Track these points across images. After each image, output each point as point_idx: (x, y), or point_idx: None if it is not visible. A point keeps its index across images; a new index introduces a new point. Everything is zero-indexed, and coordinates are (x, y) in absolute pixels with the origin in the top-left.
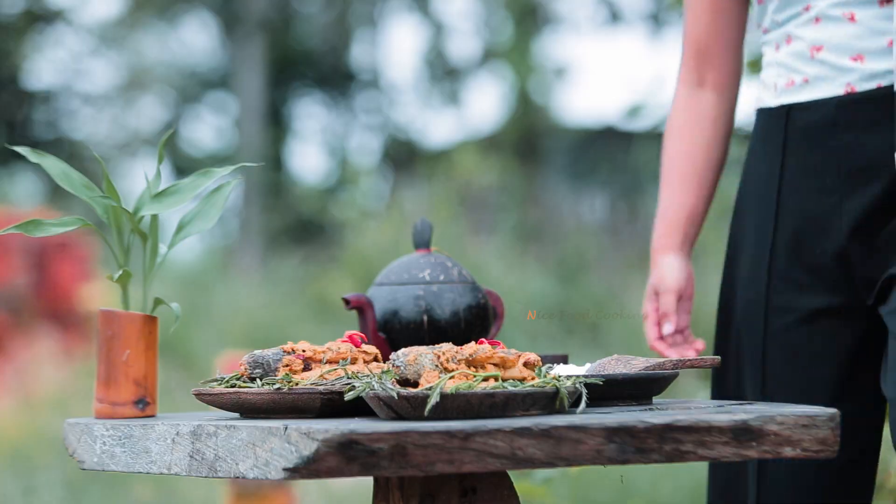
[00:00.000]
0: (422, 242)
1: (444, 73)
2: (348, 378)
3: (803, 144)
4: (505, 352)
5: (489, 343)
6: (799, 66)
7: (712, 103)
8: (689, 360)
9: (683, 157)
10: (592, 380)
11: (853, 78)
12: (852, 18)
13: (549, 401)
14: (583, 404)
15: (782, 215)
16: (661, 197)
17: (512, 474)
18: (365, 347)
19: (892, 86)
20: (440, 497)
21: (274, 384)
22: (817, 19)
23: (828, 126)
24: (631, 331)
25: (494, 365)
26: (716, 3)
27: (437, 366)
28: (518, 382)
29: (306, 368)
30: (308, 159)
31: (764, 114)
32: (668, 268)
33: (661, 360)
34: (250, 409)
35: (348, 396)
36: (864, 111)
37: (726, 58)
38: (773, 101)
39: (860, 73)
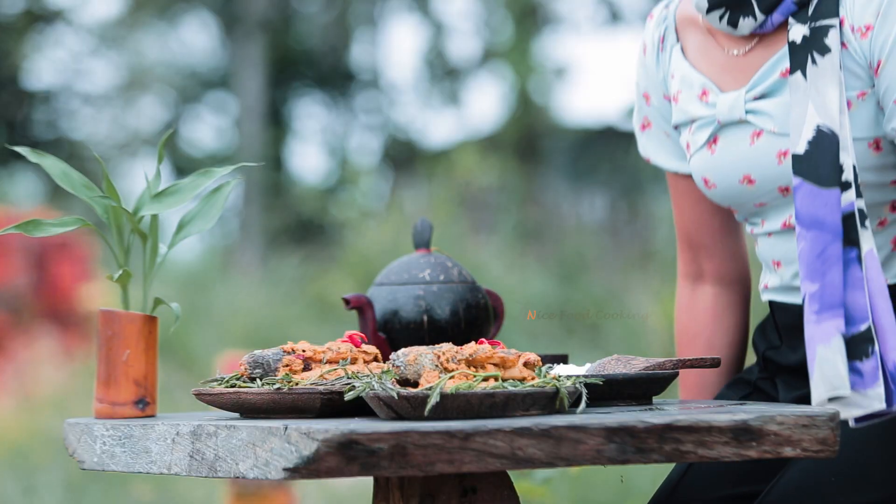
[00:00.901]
0: (422, 242)
1: (444, 73)
2: (348, 378)
3: (785, 340)
4: (505, 352)
5: (489, 343)
6: (766, 268)
7: (713, 296)
8: (689, 359)
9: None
10: (592, 380)
11: None
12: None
13: (549, 401)
14: (583, 404)
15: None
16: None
17: (512, 474)
18: (365, 347)
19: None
20: (440, 497)
21: (274, 384)
22: (769, 233)
23: (798, 334)
24: (631, 331)
25: (494, 365)
26: (697, 192)
27: (437, 366)
28: (518, 382)
29: (306, 368)
30: (308, 159)
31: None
32: None
33: (661, 360)
34: (250, 409)
35: (348, 396)
36: None
37: (721, 245)
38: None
39: None
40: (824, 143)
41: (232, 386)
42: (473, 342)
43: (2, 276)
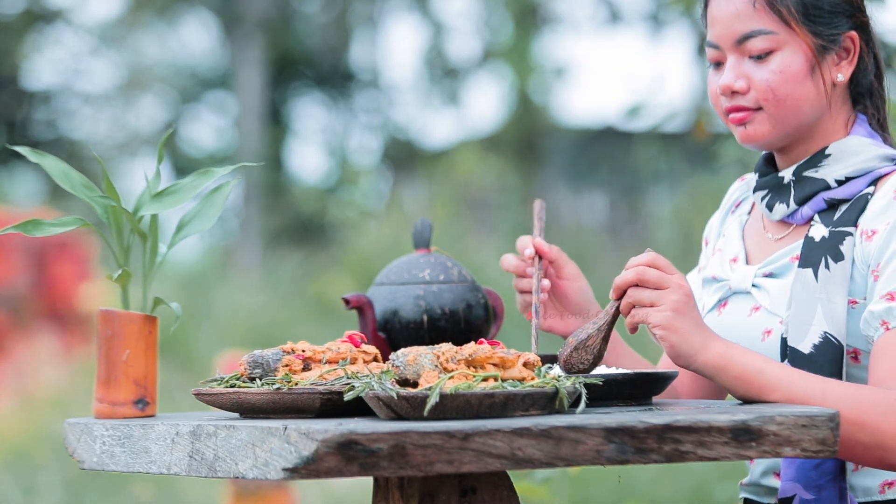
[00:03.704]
0: (422, 242)
1: (444, 73)
2: (348, 378)
3: None
4: (505, 352)
5: (489, 343)
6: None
7: None
8: None
9: None
10: (592, 380)
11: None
12: None
13: (548, 401)
14: (582, 404)
15: None
16: None
17: (512, 474)
18: (365, 347)
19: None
20: (440, 497)
21: (274, 384)
22: None
23: None
24: None
25: (494, 365)
26: None
27: (436, 366)
28: (518, 382)
29: (306, 368)
30: (308, 159)
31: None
32: None
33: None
34: (250, 409)
35: (348, 396)
36: None
37: None
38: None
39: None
40: (830, 351)
41: (232, 386)
42: (473, 342)
43: (2, 276)
